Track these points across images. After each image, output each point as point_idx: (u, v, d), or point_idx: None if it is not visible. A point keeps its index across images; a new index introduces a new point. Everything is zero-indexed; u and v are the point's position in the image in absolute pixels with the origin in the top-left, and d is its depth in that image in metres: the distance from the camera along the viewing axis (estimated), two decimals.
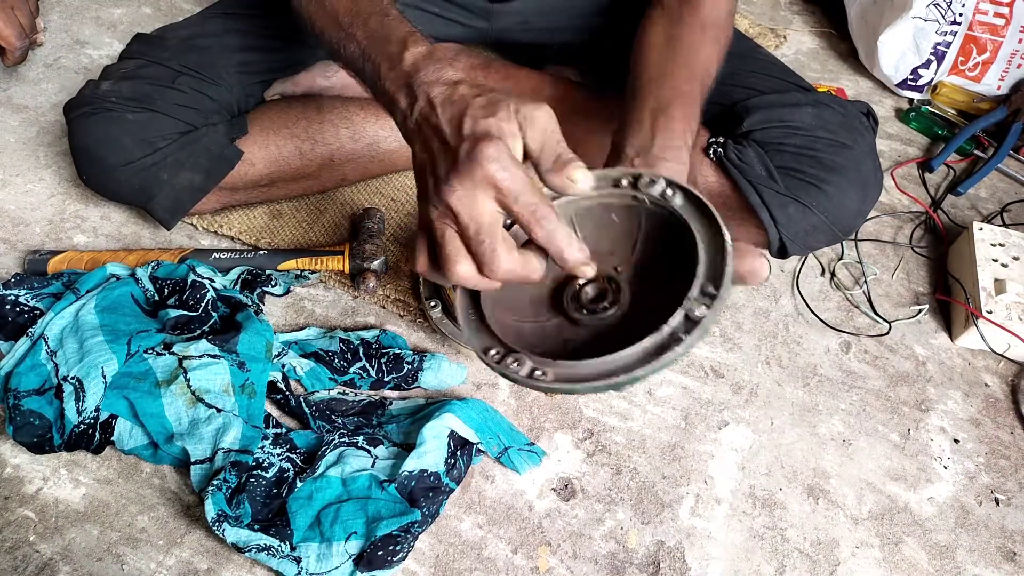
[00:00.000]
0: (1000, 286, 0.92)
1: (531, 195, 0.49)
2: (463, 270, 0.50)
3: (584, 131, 0.93)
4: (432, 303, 0.84)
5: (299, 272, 0.88)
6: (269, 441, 0.73)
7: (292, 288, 0.88)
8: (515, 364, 0.50)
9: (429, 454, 0.71)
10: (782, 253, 0.83)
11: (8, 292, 0.78)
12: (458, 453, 0.74)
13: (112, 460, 0.74)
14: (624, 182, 0.53)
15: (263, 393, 0.74)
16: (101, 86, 0.80)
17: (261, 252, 0.89)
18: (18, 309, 0.77)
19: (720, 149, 0.82)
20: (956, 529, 0.78)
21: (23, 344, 0.73)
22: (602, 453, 0.79)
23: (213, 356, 0.73)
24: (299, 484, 0.70)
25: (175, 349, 0.74)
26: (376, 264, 0.87)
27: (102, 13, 1.22)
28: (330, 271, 0.89)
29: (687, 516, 0.76)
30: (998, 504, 0.81)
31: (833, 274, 1.00)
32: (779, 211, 0.80)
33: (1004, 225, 1.07)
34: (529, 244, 0.51)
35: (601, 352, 0.50)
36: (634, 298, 0.54)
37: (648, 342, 0.47)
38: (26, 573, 0.67)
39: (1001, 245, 0.96)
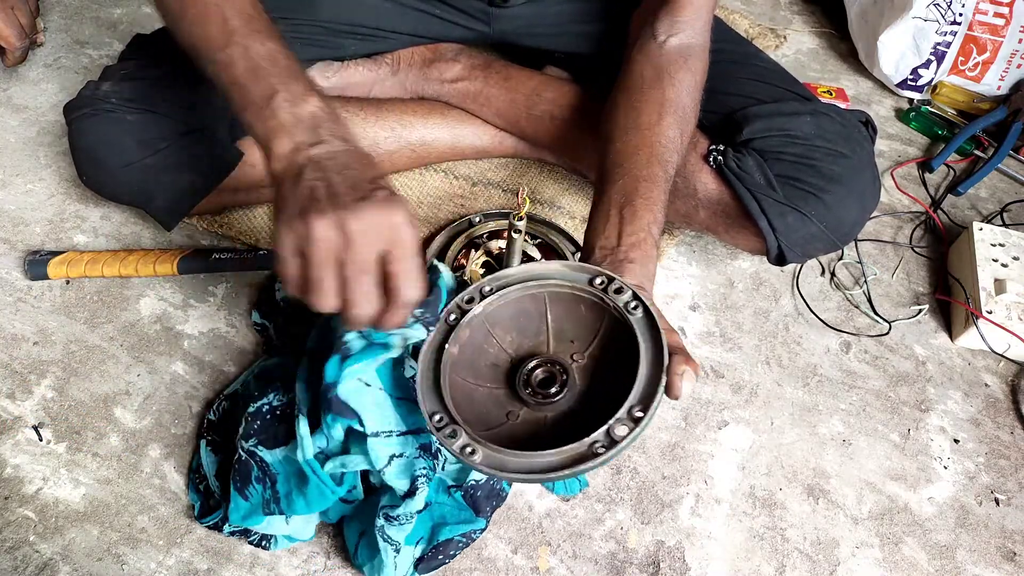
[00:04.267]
0: (1000, 286, 0.92)
1: (417, 262, 0.52)
2: (330, 302, 0.52)
3: (583, 131, 0.93)
4: None
5: None
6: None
7: None
8: (451, 436, 0.53)
9: None
10: (780, 261, 0.84)
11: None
12: None
13: (112, 460, 0.74)
14: (598, 281, 0.58)
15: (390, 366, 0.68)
16: (101, 87, 0.80)
17: (261, 252, 0.89)
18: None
19: (720, 157, 0.82)
20: (956, 529, 0.78)
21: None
22: None
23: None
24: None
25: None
26: None
27: (102, 13, 1.22)
28: None
29: (687, 516, 0.76)
30: (998, 504, 0.81)
31: (833, 274, 1.00)
32: (778, 220, 0.80)
33: (1004, 225, 1.07)
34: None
35: (534, 435, 0.56)
36: (584, 389, 0.58)
37: (568, 451, 0.51)
38: (26, 573, 0.67)
39: (1001, 245, 0.96)
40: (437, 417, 0.55)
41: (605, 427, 0.51)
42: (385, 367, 0.66)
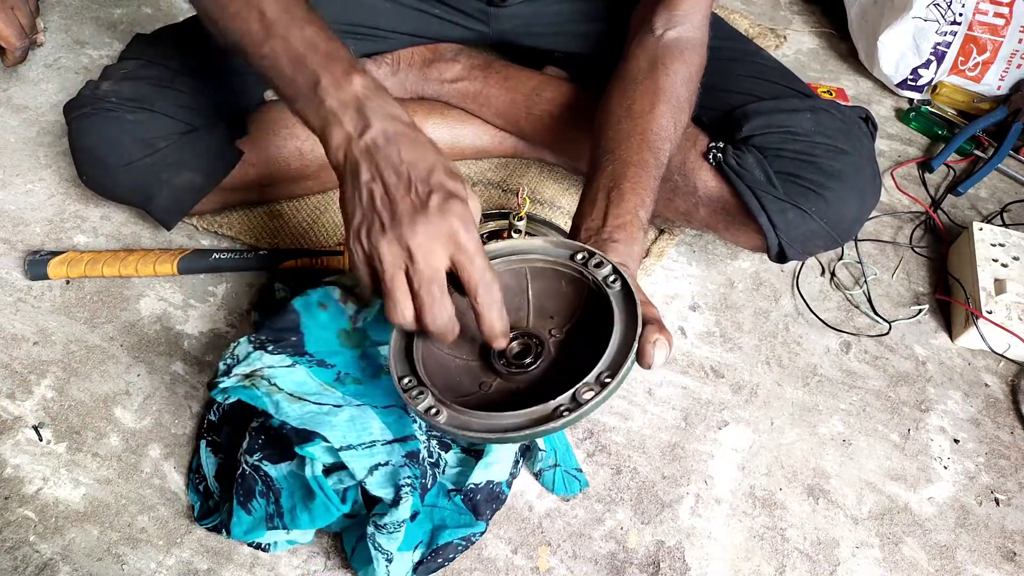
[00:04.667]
0: (1000, 286, 0.92)
1: (484, 261, 0.53)
2: (406, 314, 0.54)
3: (582, 131, 0.93)
4: None
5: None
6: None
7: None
8: (418, 396, 0.54)
9: (496, 465, 0.70)
10: (781, 258, 0.84)
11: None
12: (519, 462, 0.74)
13: (112, 460, 0.74)
14: (579, 256, 0.59)
15: (374, 376, 0.69)
16: (101, 86, 0.80)
17: (261, 252, 0.89)
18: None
19: (720, 154, 0.82)
20: (956, 529, 0.78)
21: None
22: (602, 453, 0.79)
23: (287, 366, 0.67)
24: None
25: (238, 370, 0.67)
26: None
27: (102, 13, 1.22)
28: (330, 271, 0.89)
29: (687, 516, 0.76)
30: (998, 504, 0.81)
31: (833, 274, 1.00)
32: (778, 216, 0.80)
33: (1004, 225, 1.07)
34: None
35: (505, 403, 0.56)
36: (558, 360, 0.59)
37: (534, 412, 0.52)
38: (26, 573, 0.67)
39: (1001, 245, 0.96)
40: (406, 380, 0.55)
41: (572, 391, 0.52)
42: (367, 378, 0.67)
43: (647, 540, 0.74)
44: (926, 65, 1.22)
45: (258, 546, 0.68)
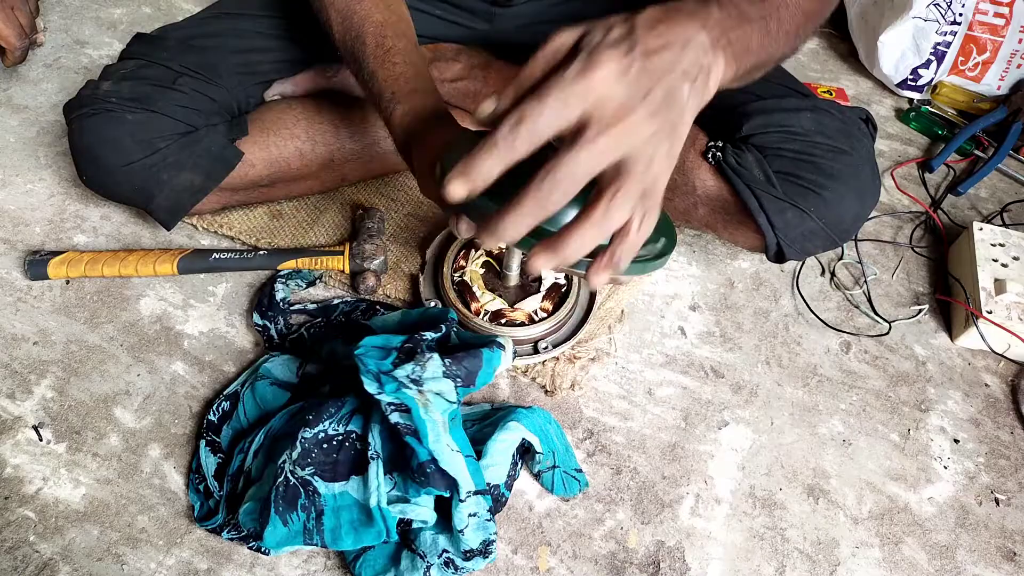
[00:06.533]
0: (1000, 286, 0.92)
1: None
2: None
3: None
4: (432, 303, 0.84)
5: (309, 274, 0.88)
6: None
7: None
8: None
9: (493, 468, 0.70)
10: (779, 258, 0.84)
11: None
12: (518, 464, 0.74)
13: (112, 460, 0.74)
14: None
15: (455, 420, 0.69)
16: (101, 87, 0.80)
17: (261, 252, 0.89)
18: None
19: (719, 153, 0.82)
20: (956, 529, 0.78)
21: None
22: (602, 453, 0.79)
23: (451, 401, 0.67)
24: None
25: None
26: (376, 264, 0.87)
27: (102, 13, 1.22)
28: (330, 271, 0.89)
29: (687, 516, 0.76)
30: (998, 504, 0.81)
31: (833, 274, 1.00)
32: (777, 216, 0.80)
33: (1004, 225, 1.07)
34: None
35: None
36: None
37: None
38: (26, 573, 0.67)
39: (1001, 245, 0.96)
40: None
41: None
42: (456, 426, 0.68)
43: (647, 540, 0.74)
44: (926, 65, 1.22)
45: (258, 548, 0.68)
